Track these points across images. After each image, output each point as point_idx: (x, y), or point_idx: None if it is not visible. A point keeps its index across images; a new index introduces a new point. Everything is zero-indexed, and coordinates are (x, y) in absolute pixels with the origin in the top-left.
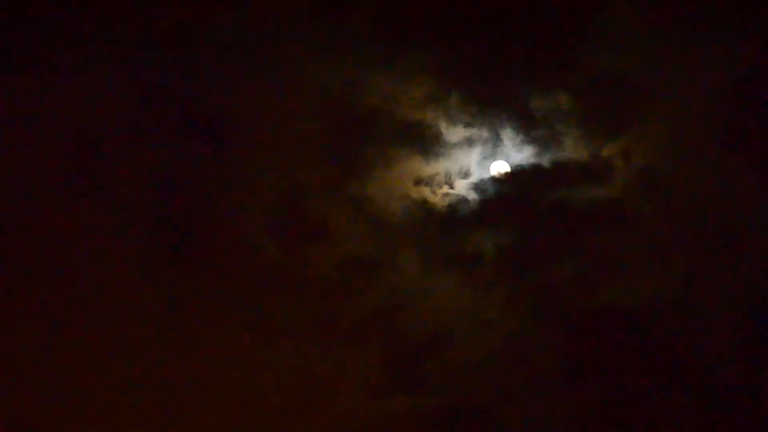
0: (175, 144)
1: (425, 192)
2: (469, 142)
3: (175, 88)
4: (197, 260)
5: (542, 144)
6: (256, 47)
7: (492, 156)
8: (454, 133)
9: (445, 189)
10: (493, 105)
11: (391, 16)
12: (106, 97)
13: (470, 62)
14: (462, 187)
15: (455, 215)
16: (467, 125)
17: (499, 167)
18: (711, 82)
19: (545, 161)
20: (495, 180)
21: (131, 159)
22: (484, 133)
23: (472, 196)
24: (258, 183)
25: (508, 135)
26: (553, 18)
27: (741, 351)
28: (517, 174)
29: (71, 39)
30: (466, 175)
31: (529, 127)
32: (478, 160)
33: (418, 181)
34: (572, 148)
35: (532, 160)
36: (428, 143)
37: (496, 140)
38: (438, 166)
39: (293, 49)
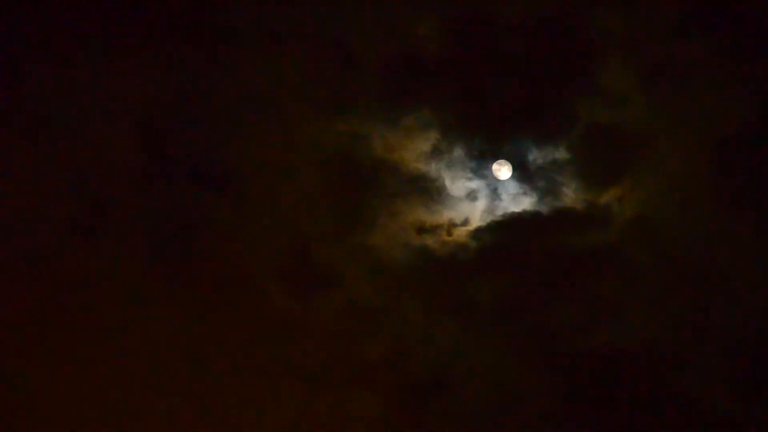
0: (183, 193)
1: (428, 240)
2: (471, 193)
3: (185, 140)
4: (205, 304)
5: (540, 194)
6: (266, 102)
7: (492, 205)
8: (457, 185)
9: (447, 237)
10: (494, 158)
11: (396, 74)
12: (115, 146)
13: (472, 118)
14: (462, 236)
15: (456, 262)
16: (469, 178)
17: (498, 214)
18: (704, 132)
19: (543, 210)
20: (494, 228)
21: (140, 208)
22: (485, 185)
23: (473, 244)
24: (266, 231)
25: (507, 186)
26: (549, 74)
27: (734, 391)
28: (515, 222)
29: (82, 89)
30: (466, 223)
31: (528, 178)
32: (479, 210)
33: (421, 230)
34: (569, 197)
35: (530, 209)
36: (431, 194)
37: (496, 191)
38: (440, 216)
39: (301, 105)
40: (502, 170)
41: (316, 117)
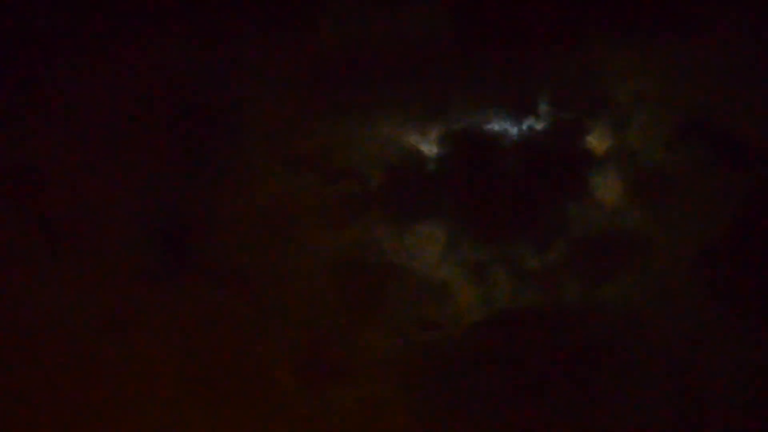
0: (203, 291)
1: (435, 336)
2: (473, 294)
3: (198, 243)
4: (220, 395)
5: (537, 294)
6: (281, 216)
7: (492, 305)
8: (461, 287)
9: (449, 333)
10: (495, 264)
11: (400, 186)
12: (129, 247)
13: (476, 227)
14: (464, 331)
15: (458, 357)
16: (472, 281)
17: (498, 311)
18: (693, 236)
19: (540, 308)
20: (494, 325)
21: (160, 304)
22: (485, 287)
23: (474, 339)
24: (281, 328)
25: (507, 289)
26: (544, 184)
27: None
28: (513, 319)
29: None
30: (467, 319)
31: (526, 281)
32: (480, 308)
33: (426, 327)
34: (565, 296)
35: (527, 308)
36: (436, 295)
37: (495, 294)
38: (444, 315)
39: (314, 218)
40: (502, 271)
41: (329, 226)
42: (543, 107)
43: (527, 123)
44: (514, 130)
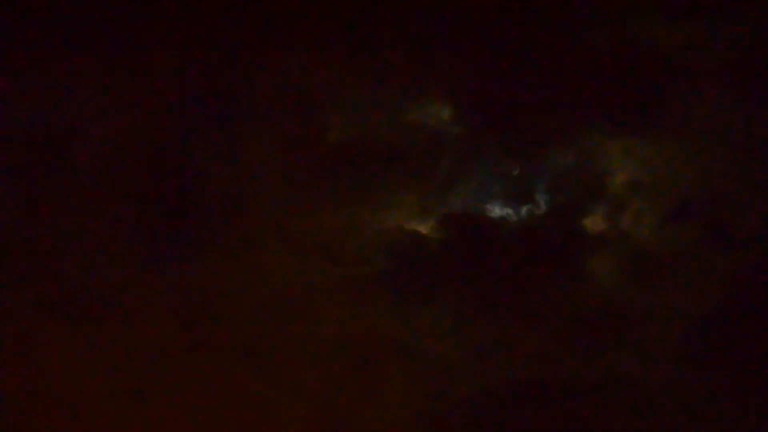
0: (210, 369)
1: (439, 406)
2: (473, 368)
3: (214, 323)
4: None
5: (535, 369)
6: (294, 302)
7: (492, 379)
8: (462, 362)
9: (451, 404)
10: (497, 347)
11: (404, 268)
12: (151, 326)
13: (477, 307)
14: (464, 401)
15: (458, 426)
16: (474, 357)
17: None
18: (686, 310)
19: (538, 382)
20: (495, 398)
21: (171, 381)
22: (485, 362)
23: (473, 410)
24: (292, 404)
25: (505, 365)
26: (542, 266)
27: None
28: (509, 395)
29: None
30: (467, 390)
31: (524, 357)
32: (480, 381)
33: (430, 399)
34: (564, 367)
35: (526, 381)
36: (439, 370)
37: (495, 369)
38: (446, 387)
39: (326, 303)
40: (503, 348)
41: (338, 310)
42: (541, 194)
43: (526, 208)
44: (514, 215)
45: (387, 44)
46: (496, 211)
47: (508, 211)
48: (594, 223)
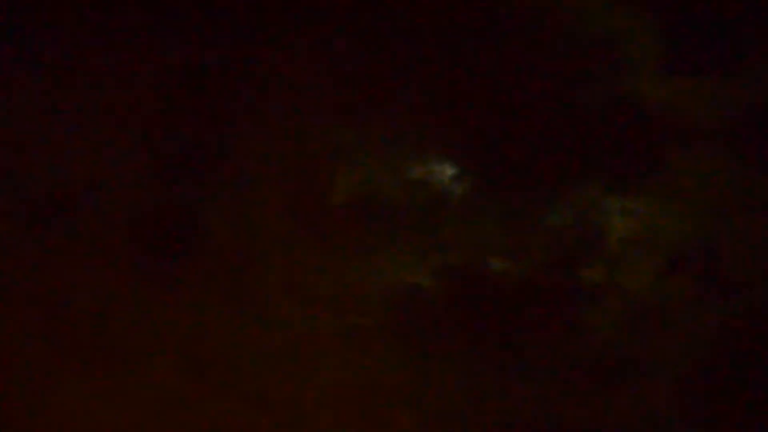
0: (216, 416)
1: None
2: (473, 420)
3: (222, 371)
4: None
5: (532, 420)
6: (303, 352)
7: (494, 425)
8: (462, 414)
9: None
10: (498, 397)
11: (404, 320)
12: (157, 372)
13: (475, 360)
14: None
15: None
16: (474, 410)
17: None
18: (681, 361)
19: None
20: None
21: (184, 425)
22: (483, 414)
23: None
24: None
25: (503, 419)
26: (538, 319)
27: None
28: None
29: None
30: None
31: (521, 410)
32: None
33: None
34: (561, 423)
35: (524, 424)
36: (441, 421)
37: (493, 421)
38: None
39: (326, 346)
40: (500, 401)
41: (343, 358)
42: (540, 249)
43: (522, 261)
44: (511, 269)
45: (392, 107)
46: (497, 265)
47: (508, 264)
48: (591, 275)
